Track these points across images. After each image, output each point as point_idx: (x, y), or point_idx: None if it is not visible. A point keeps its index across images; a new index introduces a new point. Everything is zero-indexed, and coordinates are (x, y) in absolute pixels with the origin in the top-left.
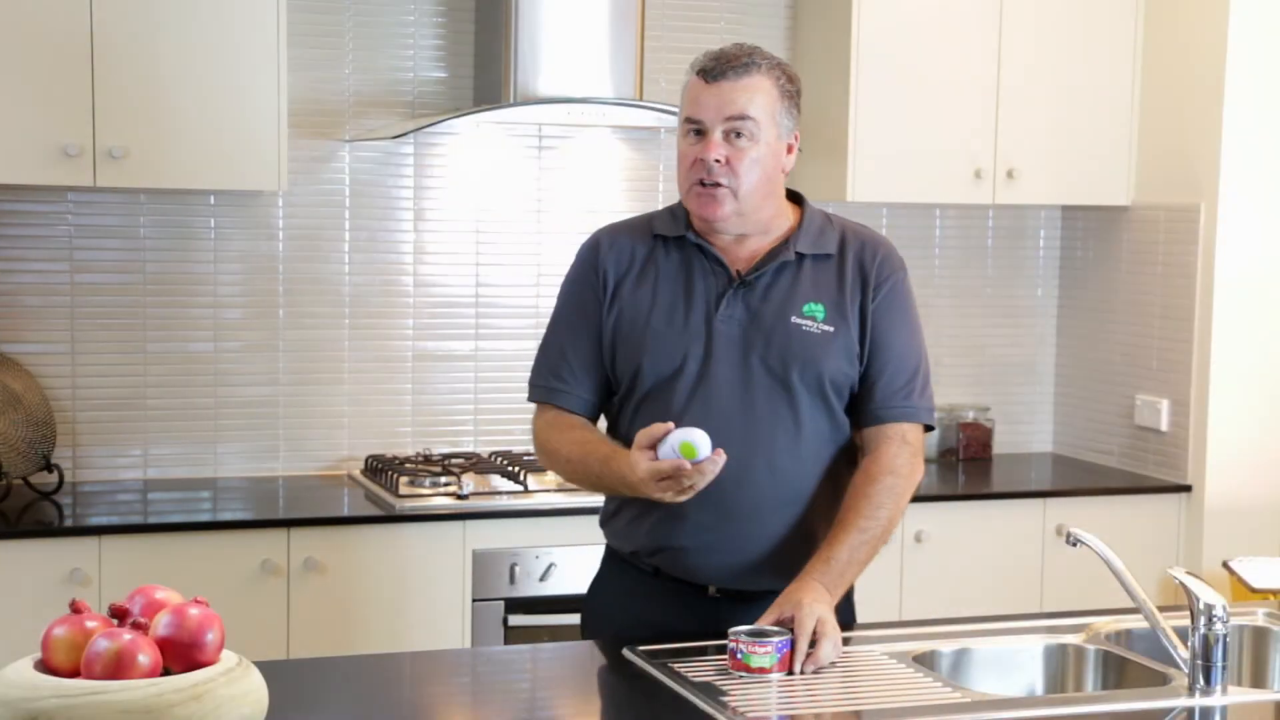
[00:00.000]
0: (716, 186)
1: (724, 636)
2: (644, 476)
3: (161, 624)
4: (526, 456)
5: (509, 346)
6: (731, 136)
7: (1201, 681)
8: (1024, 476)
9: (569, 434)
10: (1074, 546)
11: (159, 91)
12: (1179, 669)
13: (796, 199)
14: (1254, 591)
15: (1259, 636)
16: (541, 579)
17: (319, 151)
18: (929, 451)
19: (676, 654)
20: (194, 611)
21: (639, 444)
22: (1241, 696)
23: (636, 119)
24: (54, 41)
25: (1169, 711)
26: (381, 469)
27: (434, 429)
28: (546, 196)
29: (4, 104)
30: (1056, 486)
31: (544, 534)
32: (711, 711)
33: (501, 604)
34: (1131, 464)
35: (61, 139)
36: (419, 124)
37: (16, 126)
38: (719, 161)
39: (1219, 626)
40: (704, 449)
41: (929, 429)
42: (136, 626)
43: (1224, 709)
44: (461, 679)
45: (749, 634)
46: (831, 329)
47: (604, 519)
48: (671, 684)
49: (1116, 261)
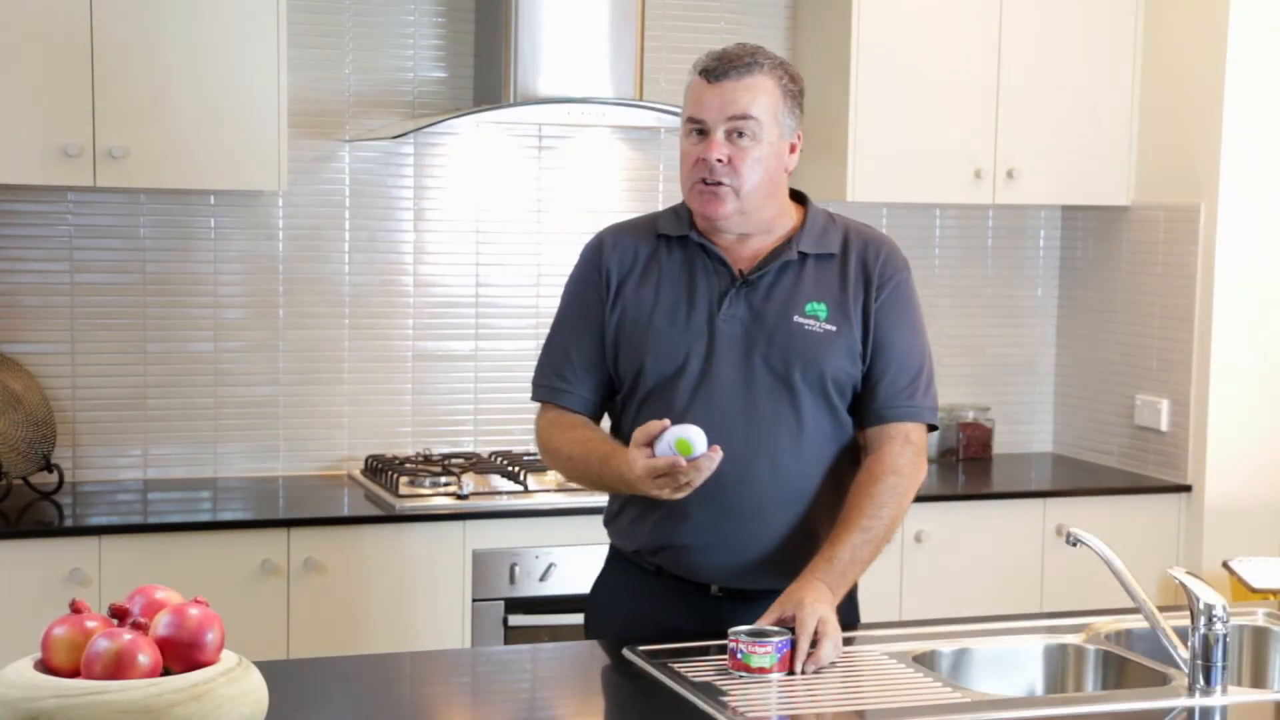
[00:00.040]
0: (718, 185)
1: (726, 636)
2: (641, 474)
3: (161, 624)
4: (526, 456)
5: (509, 346)
6: (734, 136)
7: (1201, 681)
8: (1024, 476)
9: (570, 433)
10: (1074, 546)
11: (159, 91)
12: (1179, 669)
13: (800, 199)
14: (1254, 591)
15: (1259, 636)
16: (541, 579)
17: (319, 151)
18: (929, 451)
19: (676, 654)
20: (194, 611)
21: (636, 441)
22: (1241, 696)
23: (636, 119)
24: (54, 41)
25: (1169, 711)
26: (381, 469)
27: (434, 429)
28: (546, 196)
29: (4, 104)
30: (1056, 486)
31: (544, 534)
32: (711, 711)
33: (501, 604)
34: (1131, 464)
35: (61, 139)
36: (419, 124)
37: (16, 126)
38: (721, 161)
39: (1219, 626)
40: (700, 445)
41: (932, 428)
42: (136, 626)
43: (1224, 709)
44: (461, 679)
45: (749, 634)
46: (834, 328)
47: (607, 518)
48: (671, 684)
49: (1116, 261)
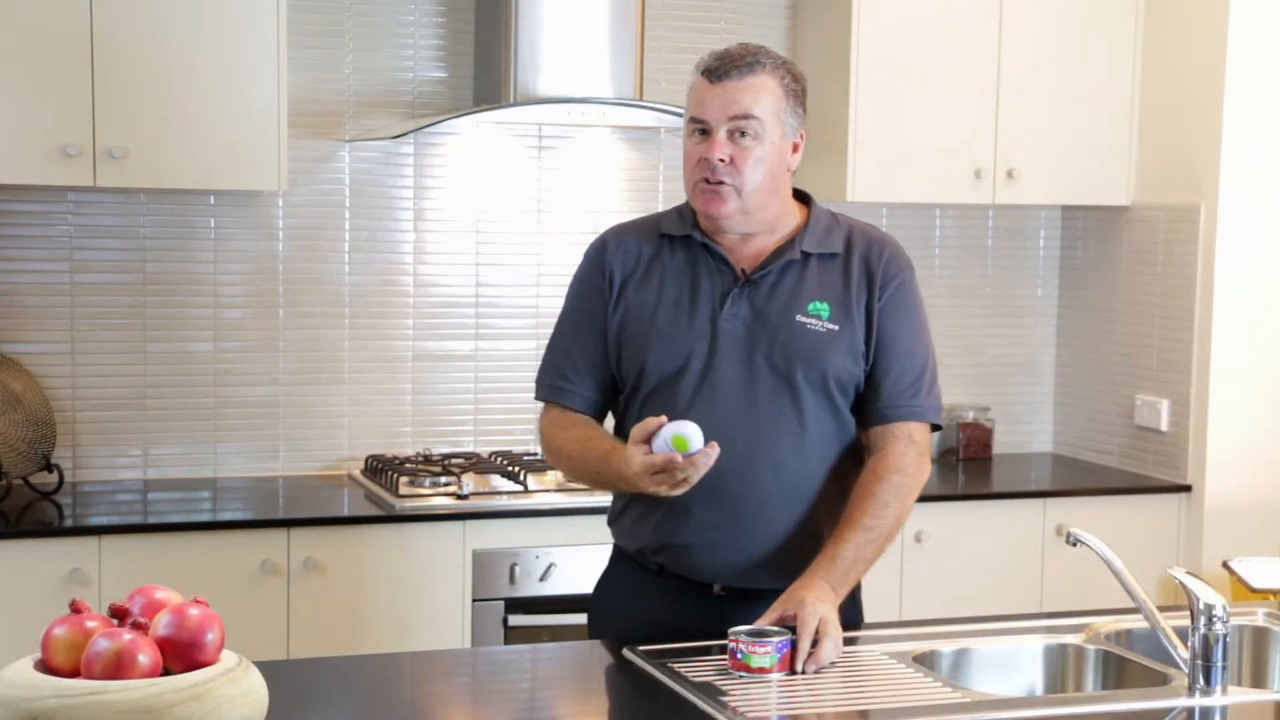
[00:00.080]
0: (720, 185)
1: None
2: (638, 470)
3: (161, 624)
4: (526, 456)
5: (509, 346)
6: (736, 136)
7: (1201, 681)
8: (1024, 476)
9: (571, 431)
10: (1074, 546)
11: (159, 91)
12: (1179, 669)
13: (804, 199)
14: (1254, 591)
15: (1259, 636)
16: (541, 579)
17: (319, 151)
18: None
19: (677, 654)
20: (194, 611)
21: (634, 438)
22: (1241, 696)
23: (636, 119)
24: (54, 41)
25: (1169, 711)
26: (381, 469)
27: (434, 429)
28: (546, 196)
29: (4, 104)
30: (1056, 486)
31: (544, 534)
32: (711, 711)
33: (501, 604)
34: (1131, 464)
35: (61, 139)
36: (419, 124)
37: (16, 126)
38: (723, 161)
39: (1219, 626)
40: (696, 442)
41: (936, 428)
42: (136, 626)
43: (1224, 709)
44: (461, 679)
45: (749, 634)
46: (836, 327)
47: (611, 518)
48: (671, 684)
49: (1116, 261)
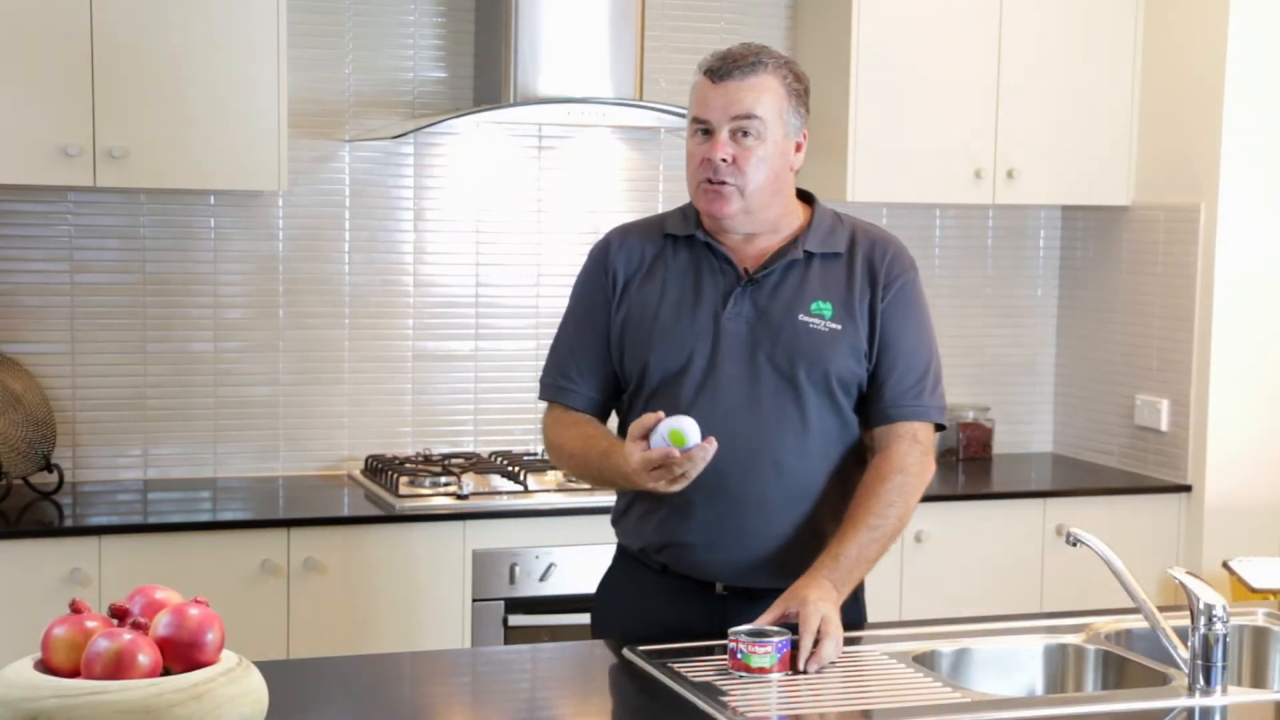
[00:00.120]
0: (723, 185)
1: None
2: (636, 467)
3: (161, 624)
4: (526, 456)
5: (509, 346)
6: (738, 135)
7: (1201, 681)
8: (1024, 476)
9: (573, 429)
10: (1074, 546)
11: (159, 91)
12: (1179, 669)
13: (808, 199)
14: (1254, 591)
15: (1259, 636)
16: (541, 579)
17: (319, 151)
18: None
19: (677, 654)
20: (194, 611)
21: (632, 435)
22: (1241, 696)
23: (636, 119)
24: (54, 41)
25: (1169, 711)
26: (381, 469)
27: (434, 429)
28: (546, 196)
29: (4, 104)
30: (1056, 486)
31: (544, 534)
32: (711, 711)
33: (501, 604)
34: (1131, 464)
35: (61, 139)
36: (419, 124)
37: (16, 126)
38: (726, 161)
39: (1219, 626)
40: (693, 436)
41: (940, 428)
42: (136, 626)
43: (1224, 709)
44: (461, 679)
45: (749, 634)
46: (839, 327)
47: (615, 517)
48: (671, 684)
49: (1116, 261)
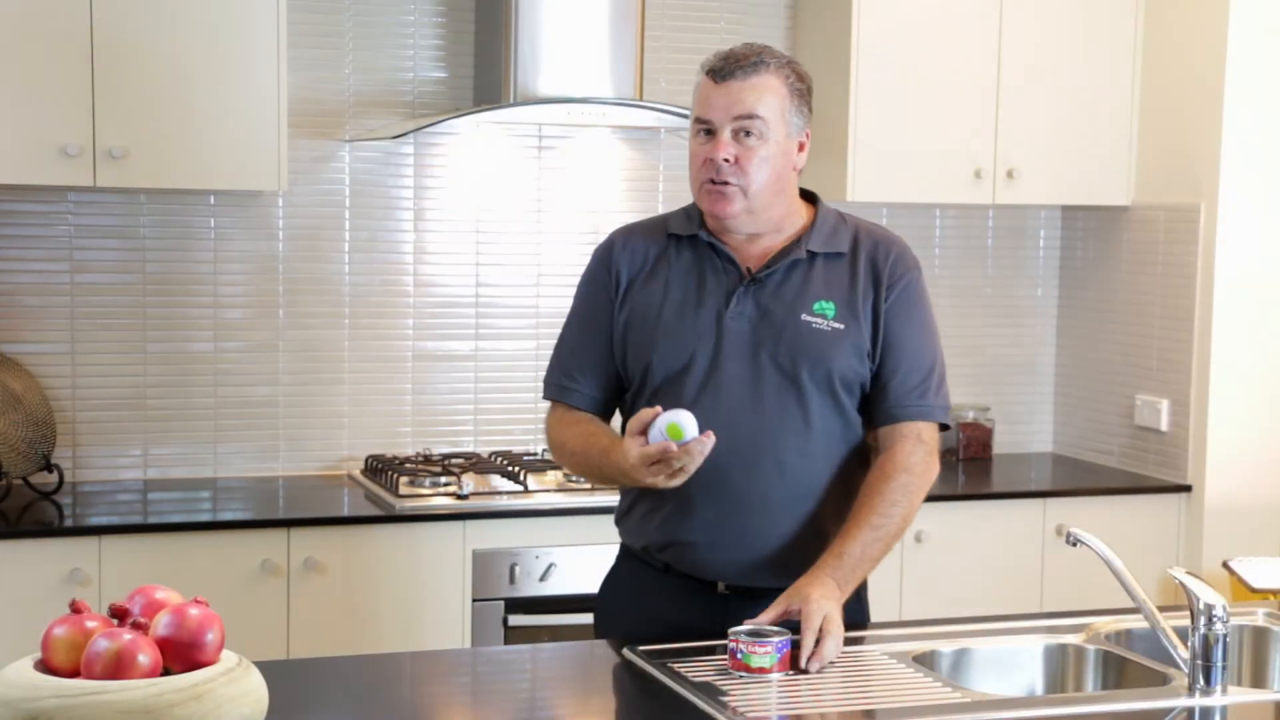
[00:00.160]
0: (726, 185)
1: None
2: (635, 462)
3: (161, 624)
4: (526, 456)
5: (509, 346)
6: (741, 135)
7: (1201, 681)
8: (1024, 476)
9: (575, 428)
10: (1074, 546)
11: (159, 91)
12: (1179, 669)
13: (811, 198)
14: (1254, 591)
15: (1259, 636)
16: (541, 579)
17: (319, 151)
18: None
19: (677, 654)
20: (194, 611)
21: (630, 431)
22: (1241, 696)
23: (636, 119)
24: (54, 41)
25: (1169, 711)
26: (381, 469)
27: (434, 429)
28: (546, 196)
29: (4, 104)
30: (1056, 486)
31: (544, 534)
32: (711, 711)
33: (501, 604)
34: (1131, 464)
35: (61, 139)
36: (419, 124)
37: (16, 126)
38: (728, 161)
39: (1219, 626)
40: (690, 430)
41: (945, 428)
42: (136, 626)
43: (1224, 709)
44: (461, 679)
45: (749, 634)
46: (841, 326)
47: (618, 516)
48: (671, 684)
49: (1116, 261)
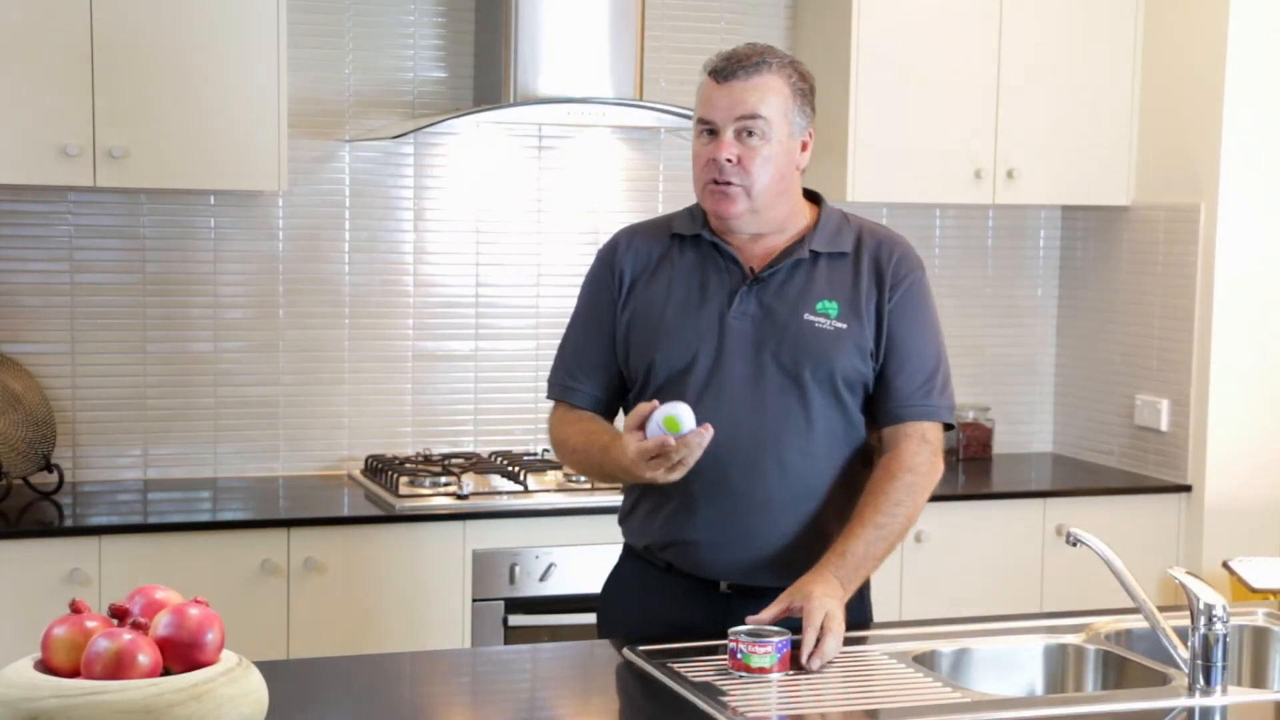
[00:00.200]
0: (729, 185)
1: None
2: (634, 457)
3: (161, 624)
4: (526, 456)
5: (509, 346)
6: (743, 135)
7: (1201, 681)
8: (1024, 476)
9: (576, 426)
10: (1074, 546)
11: (159, 91)
12: (1179, 669)
13: (815, 198)
14: (1254, 591)
15: (1259, 636)
16: (541, 579)
17: (319, 151)
18: None
19: (677, 654)
20: (194, 611)
21: (628, 426)
22: (1241, 696)
23: (636, 119)
24: (54, 41)
25: (1169, 711)
26: (381, 469)
27: (434, 429)
28: (546, 196)
29: (4, 104)
30: (1056, 486)
31: (544, 534)
32: (711, 711)
33: (501, 604)
34: (1131, 464)
35: (61, 139)
36: (419, 124)
37: (16, 126)
38: (731, 161)
39: (1219, 626)
40: (688, 422)
41: (949, 428)
42: (136, 626)
43: (1224, 709)
44: (461, 679)
45: (749, 634)
46: (844, 326)
47: (621, 516)
48: (671, 684)
49: (1116, 261)
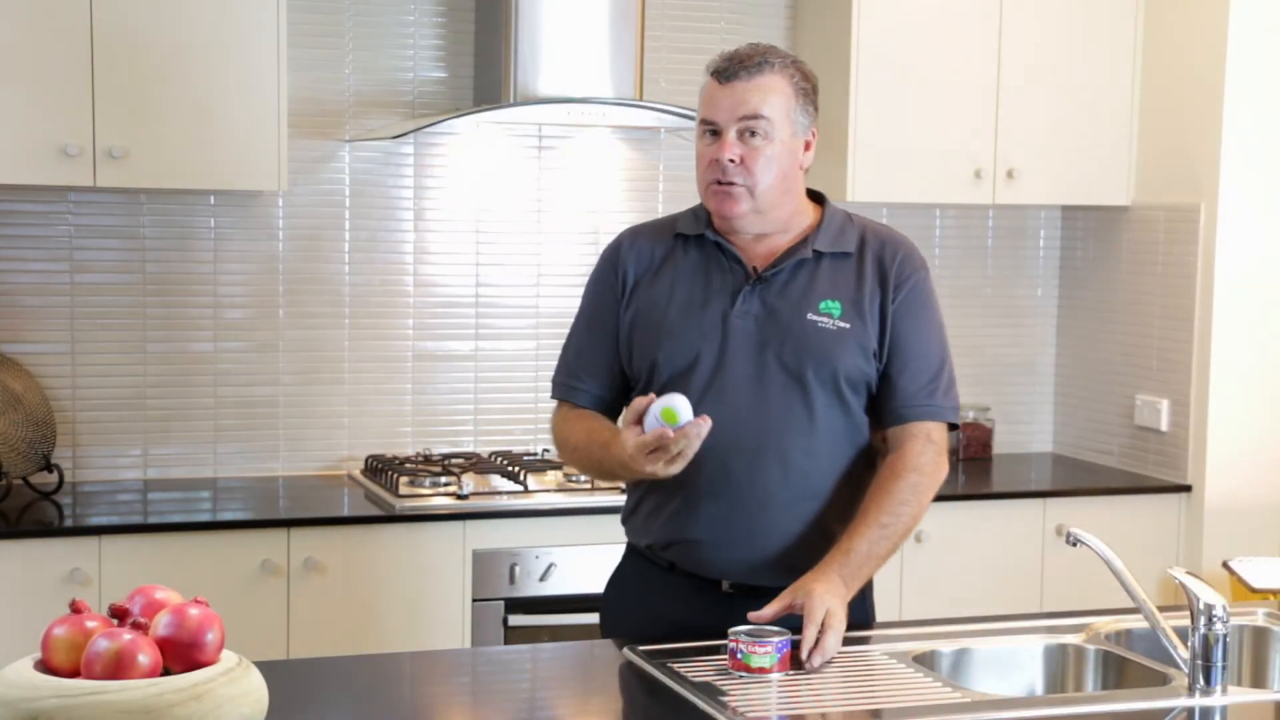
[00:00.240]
0: (732, 185)
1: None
2: (632, 451)
3: (161, 624)
4: (526, 456)
5: (509, 346)
6: (746, 136)
7: (1201, 681)
8: (1024, 476)
9: (577, 424)
10: (1074, 546)
11: (159, 91)
12: (1179, 669)
13: (819, 199)
14: (1254, 591)
15: (1259, 636)
16: (541, 579)
17: (319, 151)
18: None
19: (677, 654)
20: (194, 611)
21: (626, 420)
22: (1241, 696)
23: (636, 119)
24: (54, 41)
25: (1169, 711)
26: (381, 469)
27: (434, 429)
28: (546, 196)
29: (4, 104)
30: (1056, 486)
31: (544, 534)
32: (711, 711)
33: (501, 604)
34: (1131, 464)
35: (61, 139)
36: (419, 124)
37: (16, 126)
38: (733, 161)
39: (1219, 626)
40: (685, 413)
41: (954, 428)
42: (136, 626)
43: (1224, 709)
44: (461, 679)
45: (749, 634)
46: (847, 326)
47: (624, 516)
48: (671, 684)
49: (1116, 261)
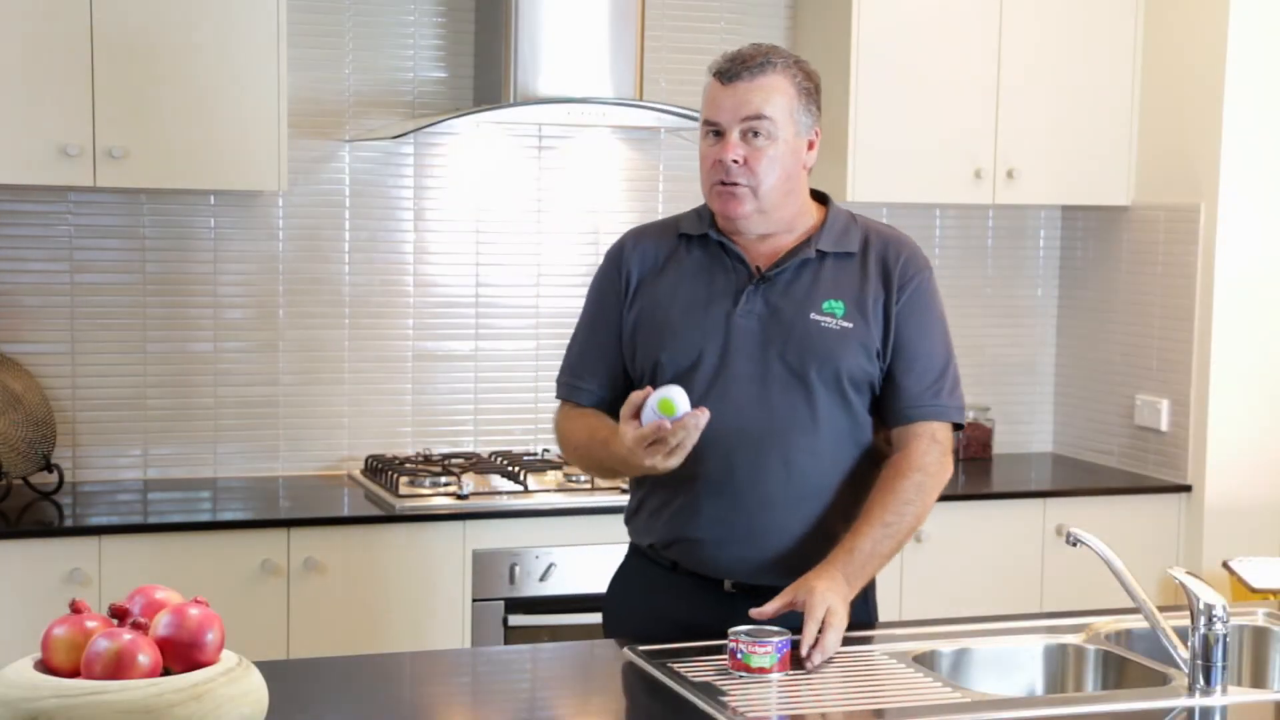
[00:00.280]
0: (735, 185)
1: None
2: (631, 444)
3: (161, 624)
4: (526, 456)
5: (509, 346)
6: (749, 136)
7: (1201, 681)
8: (1024, 476)
9: (578, 422)
10: (1074, 546)
11: (159, 91)
12: (1179, 669)
13: (822, 199)
14: (1254, 591)
15: (1259, 636)
16: (541, 579)
17: (319, 151)
18: None
19: (677, 654)
20: (194, 611)
21: (624, 415)
22: (1241, 696)
23: (636, 119)
24: (54, 41)
25: (1169, 711)
26: (381, 469)
27: (434, 429)
28: (546, 196)
29: (4, 104)
30: (1056, 486)
31: (544, 534)
32: (711, 711)
33: (501, 604)
34: (1131, 464)
35: (61, 139)
36: (419, 124)
37: (16, 126)
38: (737, 162)
39: (1219, 626)
40: (682, 405)
41: (959, 428)
42: (136, 626)
43: (1224, 709)
44: (461, 679)
45: (749, 634)
46: (850, 325)
47: (627, 516)
48: (671, 684)
49: (1116, 261)
